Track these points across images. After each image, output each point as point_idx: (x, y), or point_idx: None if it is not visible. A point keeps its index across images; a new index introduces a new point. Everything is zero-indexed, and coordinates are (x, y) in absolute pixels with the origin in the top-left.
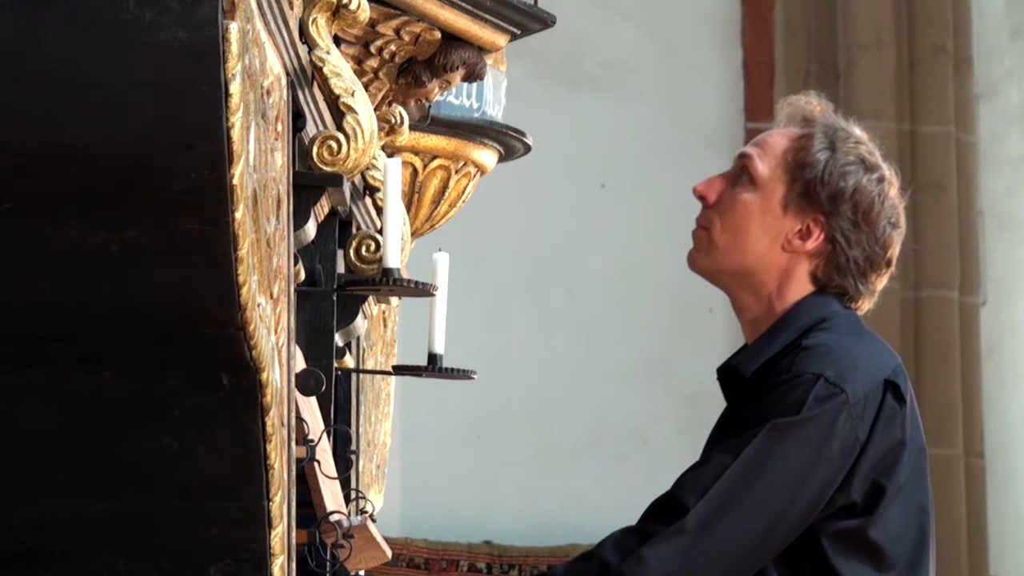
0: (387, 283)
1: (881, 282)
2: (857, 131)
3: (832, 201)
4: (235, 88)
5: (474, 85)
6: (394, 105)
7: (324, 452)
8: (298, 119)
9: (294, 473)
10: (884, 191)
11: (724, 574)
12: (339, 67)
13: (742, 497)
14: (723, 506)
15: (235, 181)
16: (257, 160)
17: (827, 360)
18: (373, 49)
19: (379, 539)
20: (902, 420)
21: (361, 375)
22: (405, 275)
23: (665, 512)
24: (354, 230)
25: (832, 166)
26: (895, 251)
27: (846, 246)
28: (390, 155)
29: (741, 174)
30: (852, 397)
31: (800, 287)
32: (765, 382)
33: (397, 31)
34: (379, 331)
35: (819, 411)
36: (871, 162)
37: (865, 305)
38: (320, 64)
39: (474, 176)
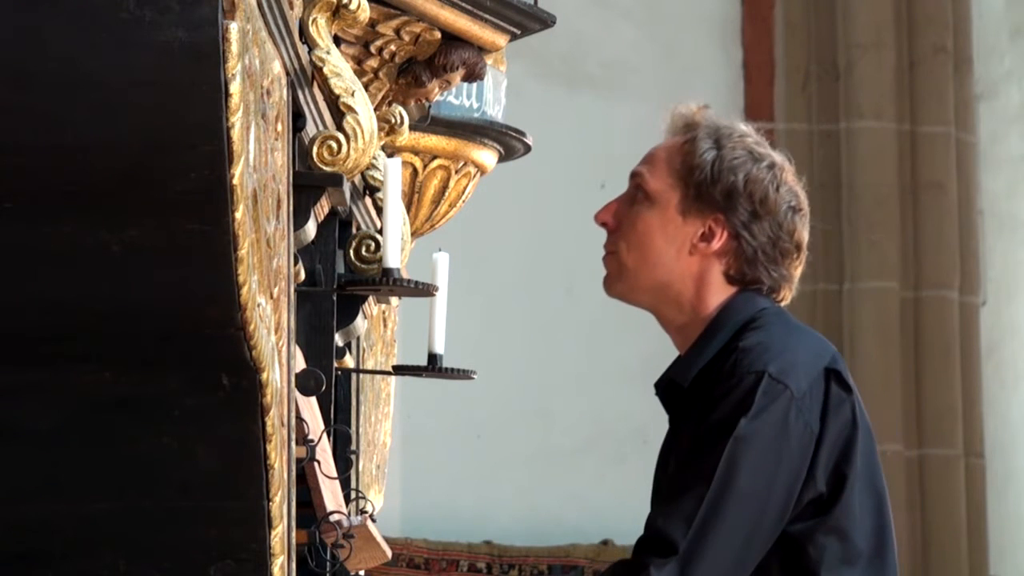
0: (387, 283)
1: (797, 269)
2: (742, 126)
3: (727, 197)
4: (235, 88)
5: (474, 85)
6: (394, 105)
7: (324, 452)
8: (298, 119)
9: (294, 473)
10: (777, 177)
11: None
12: (339, 67)
13: (721, 515)
14: (706, 528)
15: (235, 181)
16: (257, 160)
17: (767, 357)
18: (373, 49)
19: (379, 539)
20: (851, 405)
21: (361, 375)
22: (405, 275)
23: (657, 548)
24: (354, 230)
25: (720, 163)
26: (802, 235)
27: (750, 238)
28: (390, 155)
29: (636, 193)
30: (797, 391)
31: (717, 288)
32: (709, 390)
33: (397, 31)
34: (379, 331)
35: (770, 412)
36: (759, 152)
37: (786, 296)
38: (320, 64)
39: (474, 176)
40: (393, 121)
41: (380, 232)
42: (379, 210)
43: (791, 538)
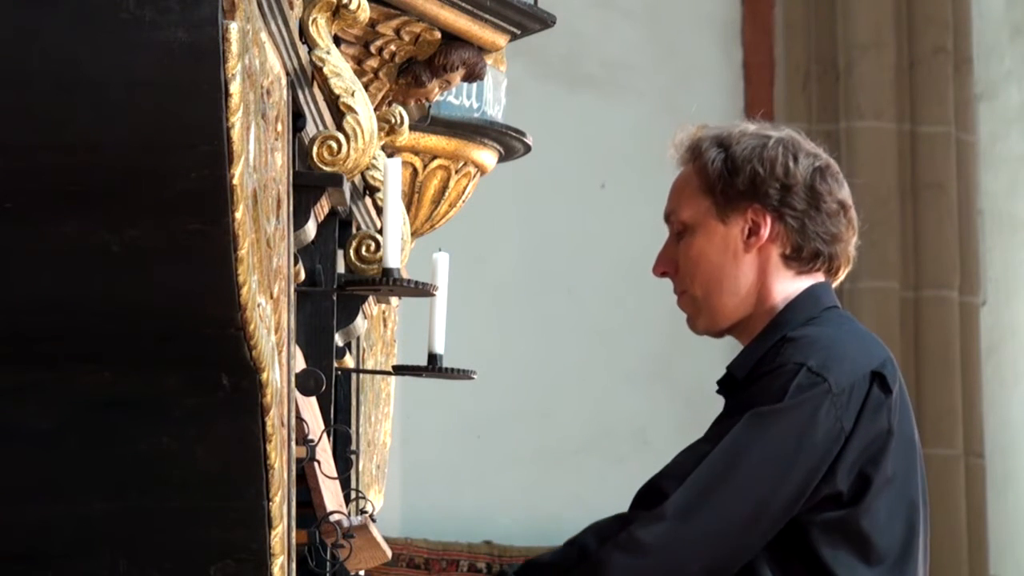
0: (387, 283)
1: (850, 231)
2: (742, 124)
3: (752, 186)
4: (235, 88)
5: (474, 85)
6: (394, 105)
7: (324, 452)
8: (298, 119)
9: (294, 473)
10: (790, 148)
11: (707, 562)
12: (339, 67)
13: (723, 485)
14: (704, 494)
15: (235, 181)
16: (257, 160)
17: (811, 350)
18: (373, 49)
19: (379, 539)
20: (888, 410)
21: (361, 375)
22: (405, 275)
23: (646, 499)
24: (354, 230)
25: (732, 161)
26: (840, 192)
27: (791, 211)
28: (390, 155)
29: (677, 230)
30: (836, 387)
31: (779, 275)
32: (751, 375)
33: (397, 31)
34: (379, 331)
35: (800, 399)
36: (764, 135)
37: (844, 268)
38: (320, 64)
39: (474, 176)
40: (393, 121)
41: (380, 232)
42: (379, 210)
43: (805, 529)
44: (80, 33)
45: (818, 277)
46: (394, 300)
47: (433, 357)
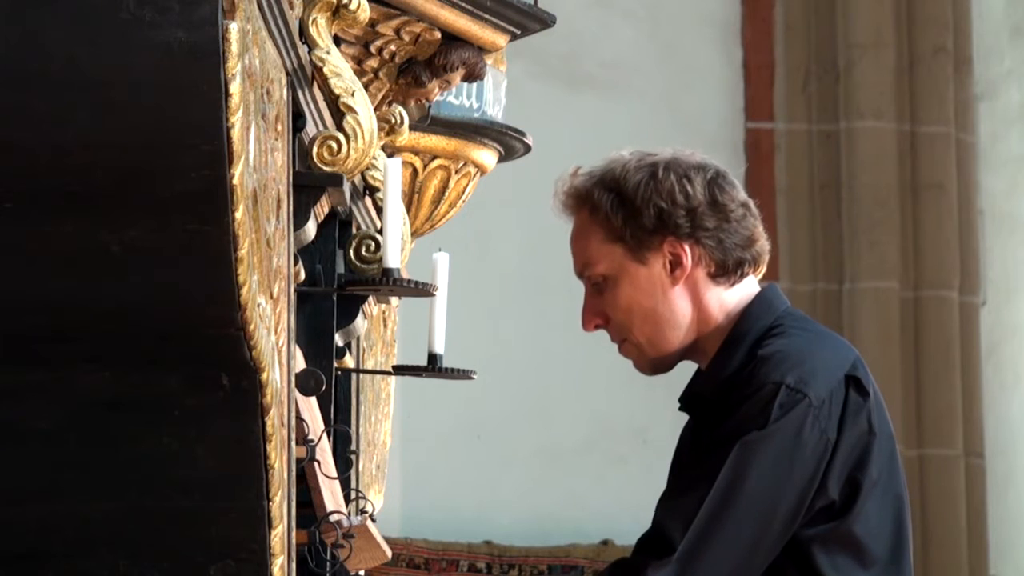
0: (387, 283)
1: (757, 225)
2: (616, 154)
3: (660, 221)
4: (235, 88)
5: (474, 85)
6: (394, 105)
7: (324, 452)
8: (298, 119)
9: (294, 473)
10: (678, 171)
11: None
12: (339, 67)
13: (725, 519)
14: (708, 531)
15: (235, 181)
16: (257, 160)
17: (786, 366)
18: (373, 49)
19: (379, 539)
20: (868, 412)
21: (361, 375)
22: (405, 275)
23: (654, 547)
24: (354, 230)
25: (628, 202)
26: (736, 193)
27: (704, 232)
28: (390, 155)
29: (596, 284)
30: (816, 399)
31: (714, 294)
32: (729, 397)
33: (397, 31)
34: (379, 331)
35: (785, 420)
36: (649, 163)
37: (763, 264)
38: (320, 64)
39: (474, 176)
40: (393, 121)
41: (380, 232)
42: (379, 210)
43: (803, 544)
44: (80, 33)
45: (749, 280)
46: (394, 300)
47: (433, 357)
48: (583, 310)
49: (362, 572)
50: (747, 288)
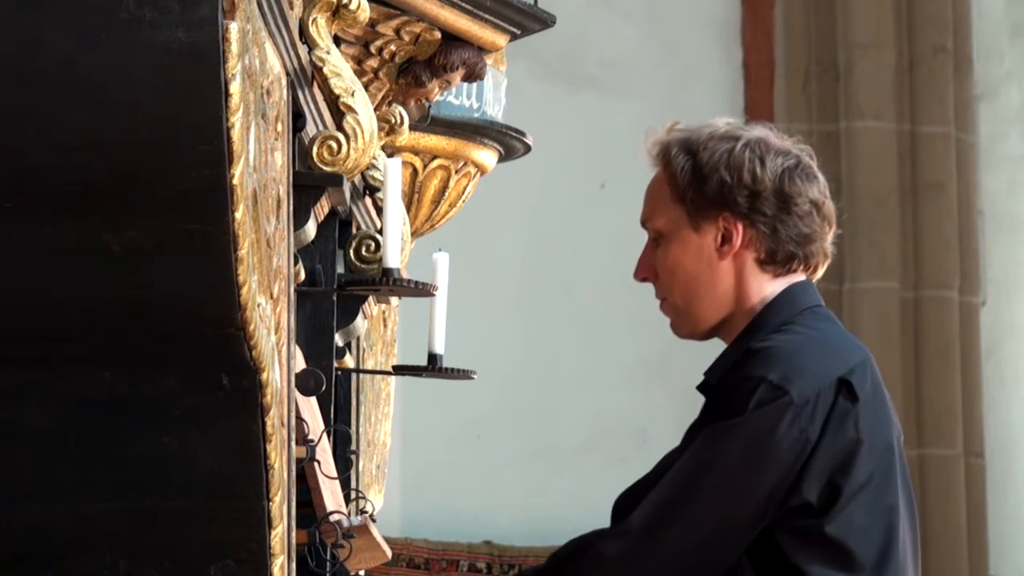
0: (387, 283)
1: (826, 228)
2: (714, 123)
3: (720, 193)
4: (235, 88)
5: (474, 85)
6: (394, 105)
7: (324, 452)
8: (298, 119)
9: (294, 473)
10: (758, 151)
11: None
12: (339, 67)
13: (687, 500)
14: (667, 509)
15: (235, 181)
16: (257, 160)
17: (773, 362)
18: (373, 49)
19: (379, 539)
20: (856, 418)
21: (361, 375)
22: (405, 275)
23: (615, 517)
24: (354, 230)
25: (698, 168)
26: (811, 191)
27: (762, 218)
28: (390, 155)
29: (653, 238)
30: (799, 398)
31: (755, 278)
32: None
33: (397, 31)
34: (379, 331)
35: (760, 412)
36: (732, 136)
37: (823, 263)
38: (320, 64)
39: (474, 176)
40: (393, 121)
41: (380, 232)
42: (379, 210)
43: (778, 544)
44: (80, 33)
45: (797, 276)
46: (394, 300)
47: (433, 357)
48: (639, 260)
49: (362, 572)
50: (791, 282)
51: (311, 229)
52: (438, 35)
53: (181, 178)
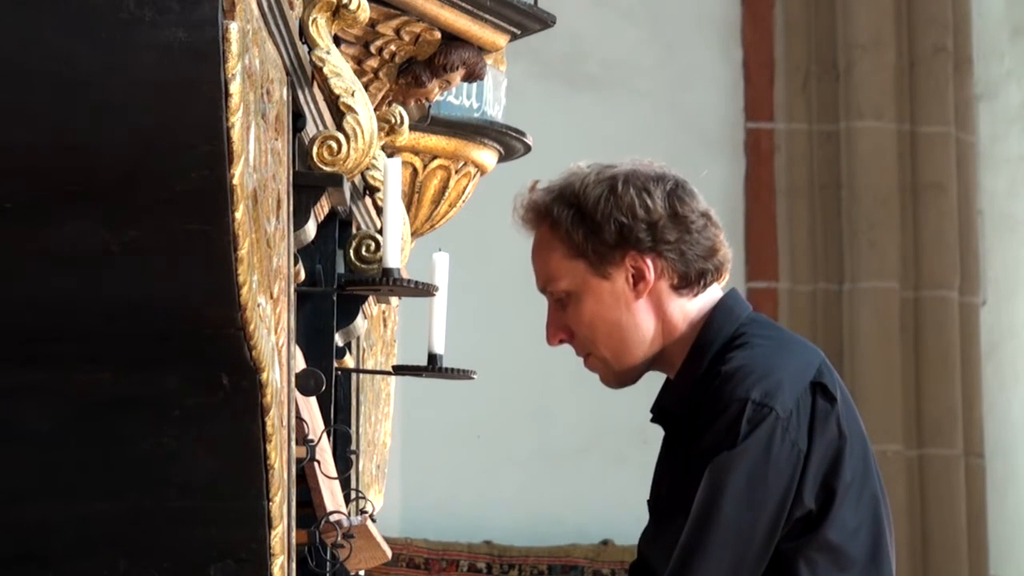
0: (387, 283)
1: (719, 234)
2: (575, 167)
3: (620, 236)
4: (235, 88)
5: (474, 85)
6: (394, 105)
7: (324, 452)
8: (298, 119)
9: (294, 473)
10: (637, 184)
11: None
12: (339, 67)
13: (706, 544)
14: (690, 559)
15: (235, 181)
16: (257, 160)
17: (750, 381)
18: (373, 49)
19: (379, 539)
20: (836, 417)
21: (361, 375)
22: (405, 275)
23: (642, 557)
24: (354, 230)
25: (588, 217)
26: (696, 203)
27: (666, 245)
28: (390, 155)
29: (559, 300)
30: (783, 411)
31: (677, 306)
32: (697, 416)
33: (397, 31)
34: (379, 331)
35: (754, 436)
36: (608, 176)
37: (728, 267)
38: (320, 64)
39: (474, 176)
40: (393, 121)
41: (380, 232)
42: (379, 210)
43: (782, 555)
44: (80, 33)
45: (713, 289)
46: (394, 300)
47: (433, 357)
48: (547, 325)
49: (362, 572)
50: (710, 297)
51: (311, 229)
52: (438, 35)
53: (181, 178)
